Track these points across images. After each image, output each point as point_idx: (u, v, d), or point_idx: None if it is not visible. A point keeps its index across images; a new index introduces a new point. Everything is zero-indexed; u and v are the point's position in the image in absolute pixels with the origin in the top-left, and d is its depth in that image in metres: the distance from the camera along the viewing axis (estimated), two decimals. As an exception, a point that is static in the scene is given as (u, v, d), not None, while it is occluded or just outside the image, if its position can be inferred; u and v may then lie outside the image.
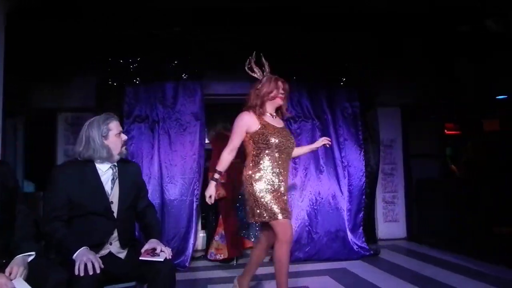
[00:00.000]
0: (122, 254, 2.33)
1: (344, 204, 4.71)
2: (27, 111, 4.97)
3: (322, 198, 4.70)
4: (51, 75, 4.82)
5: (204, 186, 4.78)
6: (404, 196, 5.58)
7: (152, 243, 2.32)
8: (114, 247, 2.31)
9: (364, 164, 4.87)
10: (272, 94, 2.90)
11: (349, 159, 4.84)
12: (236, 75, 5.06)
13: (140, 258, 2.22)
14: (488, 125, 6.30)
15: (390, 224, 5.53)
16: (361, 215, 4.79)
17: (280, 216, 2.72)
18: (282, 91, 2.94)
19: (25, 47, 4.16)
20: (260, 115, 2.87)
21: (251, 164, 2.83)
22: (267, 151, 2.80)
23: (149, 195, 4.23)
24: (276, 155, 2.80)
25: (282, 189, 2.80)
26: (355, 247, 4.59)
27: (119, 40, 4.49)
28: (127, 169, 2.45)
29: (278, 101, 2.94)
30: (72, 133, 4.90)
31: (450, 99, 5.48)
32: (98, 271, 1.98)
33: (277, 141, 2.79)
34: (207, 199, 2.87)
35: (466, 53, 4.95)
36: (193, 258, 4.49)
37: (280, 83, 2.94)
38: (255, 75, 3.03)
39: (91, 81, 4.67)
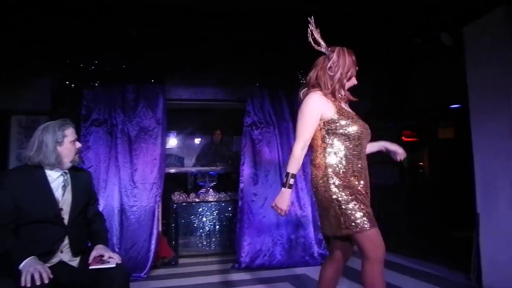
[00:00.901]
0: (74, 262, 2.28)
1: (304, 211, 4.73)
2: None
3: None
4: (5, 75, 4.60)
5: (165, 191, 4.77)
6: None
7: (98, 249, 2.28)
8: (65, 255, 2.25)
9: None
10: (349, 74, 2.29)
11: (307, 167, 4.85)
12: (200, 80, 5.09)
13: (90, 267, 2.17)
14: (443, 133, 6.58)
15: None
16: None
17: (367, 226, 2.10)
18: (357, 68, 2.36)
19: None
20: (335, 99, 2.28)
21: (323, 162, 2.21)
22: (345, 144, 2.20)
23: (107, 201, 4.22)
24: (355, 148, 2.22)
25: (365, 190, 2.23)
26: (315, 253, 4.62)
27: (78, 41, 4.36)
28: (79, 176, 2.43)
29: (354, 81, 2.34)
30: (26, 137, 4.66)
31: (406, 107, 5.68)
32: (46, 281, 1.91)
33: (357, 130, 2.21)
34: (281, 212, 2.19)
35: (421, 62, 5.14)
36: (152, 267, 4.37)
37: (355, 58, 2.34)
38: (321, 49, 2.34)
39: (46, 83, 4.50)
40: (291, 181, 2.18)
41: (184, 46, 4.58)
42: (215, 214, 5.13)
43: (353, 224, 2.09)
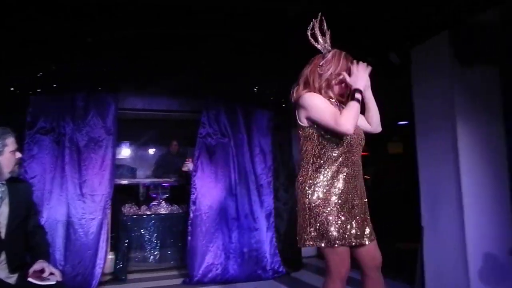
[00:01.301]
0: (12, 279, 2.16)
1: (257, 224, 4.73)
2: None
3: (236, 217, 4.67)
4: None
5: (115, 203, 4.61)
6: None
7: (40, 263, 2.17)
8: (1, 271, 2.14)
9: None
10: (340, 77, 2.20)
11: (261, 178, 4.89)
12: (154, 89, 4.99)
13: (28, 279, 2.07)
14: (393, 148, 6.86)
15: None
16: (271, 234, 4.81)
17: (337, 243, 2.04)
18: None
19: None
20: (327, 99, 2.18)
21: (310, 168, 2.13)
22: (336, 151, 2.11)
23: (51, 213, 4.01)
24: (347, 156, 2.12)
25: (354, 200, 2.12)
26: (268, 267, 4.62)
27: (24, 46, 4.14)
28: (18, 188, 2.33)
29: (344, 87, 2.23)
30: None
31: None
32: None
33: (349, 137, 2.11)
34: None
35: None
36: (100, 283, 4.19)
37: (350, 65, 2.22)
38: (318, 46, 2.28)
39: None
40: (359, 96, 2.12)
41: (139, 53, 4.47)
42: (166, 227, 5.01)
43: (325, 236, 2.03)
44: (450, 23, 3.45)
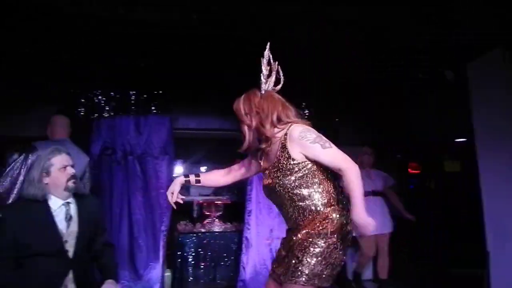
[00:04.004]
0: None
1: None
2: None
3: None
4: (7, 101, 4.63)
5: (172, 219, 4.74)
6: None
7: (109, 283, 2.25)
8: None
9: None
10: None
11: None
12: (206, 109, 5.13)
13: None
14: (449, 166, 6.56)
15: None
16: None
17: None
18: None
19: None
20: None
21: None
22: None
23: (112, 232, 4.20)
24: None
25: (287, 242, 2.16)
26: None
27: (87, 71, 4.44)
28: (85, 204, 2.36)
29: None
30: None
31: (413, 139, 5.68)
32: None
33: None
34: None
35: (424, 96, 5.19)
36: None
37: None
38: (262, 76, 2.22)
39: (51, 111, 4.53)
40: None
41: (191, 75, 4.63)
42: (221, 244, 5.05)
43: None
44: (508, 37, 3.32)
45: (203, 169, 8.11)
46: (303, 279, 1.85)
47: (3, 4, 2.99)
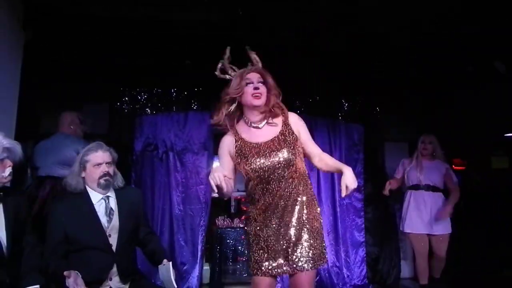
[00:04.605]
0: None
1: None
2: (36, 136, 4.96)
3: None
4: (63, 100, 4.82)
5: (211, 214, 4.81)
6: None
7: (167, 263, 2.28)
8: (114, 282, 2.24)
9: None
10: (239, 94, 2.02)
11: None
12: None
13: None
14: (497, 163, 6.25)
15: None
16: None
17: (254, 271, 2.06)
18: (252, 83, 2.03)
19: (40, 74, 4.21)
20: (232, 127, 2.10)
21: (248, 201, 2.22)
22: (251, 183, 2.06)
23: (153, 226, 4.30)
24: (261, 187, 2.02)
25: (271, 232, 2.05)
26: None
27: (132, 70, 4.56)
28: (126, 197, 2.38)
29: (251, 101, 2.01)
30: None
31: (458, 135, 5.45)
32: None
33: (254, 166, 2.00)
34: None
35: (472, 88, 4.96)
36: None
37: (246, 74, 2.06)
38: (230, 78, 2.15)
39: (102, 109, 4.70)
40: None
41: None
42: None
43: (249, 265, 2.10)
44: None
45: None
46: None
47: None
